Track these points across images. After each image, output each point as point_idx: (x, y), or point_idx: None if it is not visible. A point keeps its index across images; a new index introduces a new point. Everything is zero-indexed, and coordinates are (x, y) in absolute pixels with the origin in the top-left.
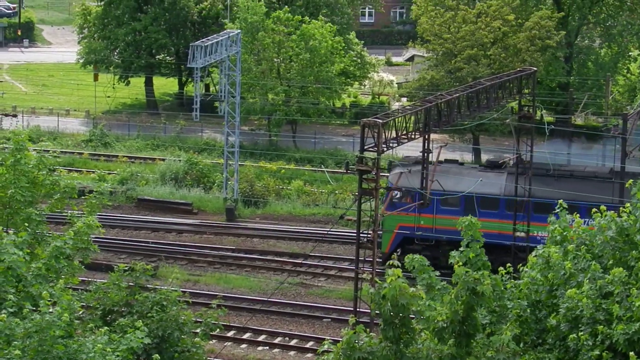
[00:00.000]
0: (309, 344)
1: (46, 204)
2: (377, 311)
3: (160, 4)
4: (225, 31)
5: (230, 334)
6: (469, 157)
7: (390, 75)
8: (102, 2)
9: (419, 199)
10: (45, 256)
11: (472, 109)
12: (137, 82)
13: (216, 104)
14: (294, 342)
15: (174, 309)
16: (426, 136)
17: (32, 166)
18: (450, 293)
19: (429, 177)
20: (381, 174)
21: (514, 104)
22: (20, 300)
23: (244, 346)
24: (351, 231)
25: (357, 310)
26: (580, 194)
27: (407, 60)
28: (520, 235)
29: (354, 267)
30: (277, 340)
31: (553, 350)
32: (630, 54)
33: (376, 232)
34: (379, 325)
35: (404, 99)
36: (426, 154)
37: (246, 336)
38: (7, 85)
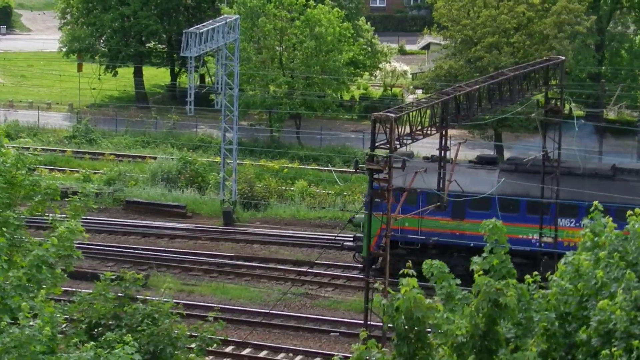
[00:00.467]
0: None
1: (25, 206)
2: (390, 324)
3: None
4: (222, 17)
5: (229, 349)
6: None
7: (403, 65)
8: None
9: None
10: (26, 265)
11: (493, 102)
12: (125, 73)
13: (212, 96)
14: (298, 359)
15: (167, 322)
16: (443, 132)
17: (9, 165)
18: (471, 305)
19: (446, 177)
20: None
21: (540, 97)
22: None
23: None
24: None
25: (368, 323)
26: (579, 193)
27: (423, 48)
28: (548, 240)
29: (364, 276)
30: (280, 357)
31: None
32: None
33: (388, 237)
34: (392, 340)
35: (418, 91)
36: (443, 152)
37: (246, 352)
38: None
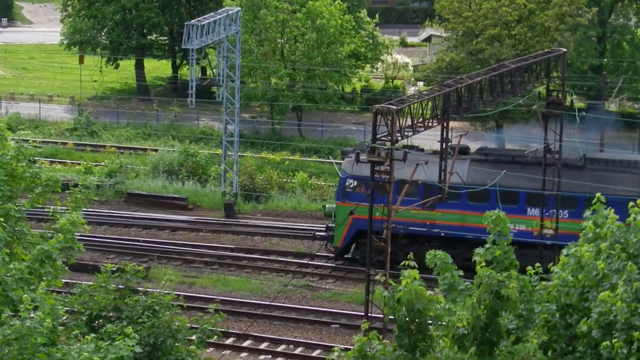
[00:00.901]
0: (316, 352)
1: (26, 198)
2: (391, 316)
3: None
4: (223, 9)
5: (229, 341)
6: (492, 146)
7: (405, 57)
8: None
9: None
10: (29, 259)
11: (495, 94)
12: (127, 65)
13: (214, 89)
14: (299, 350)
15: (167, 314)
16: (445, 124)
17: (10, 157)
18: (473, 296)
19: (447, 169)
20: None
21: (542, 89)
22: None
23: (244, 354)
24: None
25: (369, 315)
26: (548, 184)
27: (424, 40)
28: (548, 233)
29: (365, 268)
30: (281, 349)
31: (584, 359)
32: None
33: (389, 229)
34: (393, 332)
35: (420, 83)
36: (445, 144)
37: (246, 344)
38: None
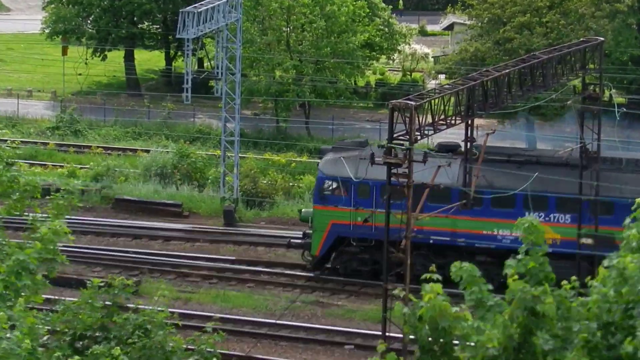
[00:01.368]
0: None
1: (2, 205)
2: (412, 336)
3: None
4: None
5: None
6: (521, 146)
7: (424, 48)
8: None
9: (354, 190)
10: (4, 271)
11: (525, 89)
12: (115, 57)
13: (212, 83)
14: None
15: (160, 333)
16: (469, 122)
17: None
18: (504, 313)
19: (472, 172)
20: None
21: (577, 82)
22: None
23: None
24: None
25: (387, 334)
26: (548, 185)
27: (446, 29)
28: (586, 242)
29: (381, 282)
30: None
31: None
32: None
33: (409, 238)
34: (414, 354)
35: (441, 76)
36: (469, 143)
37: None
38: None
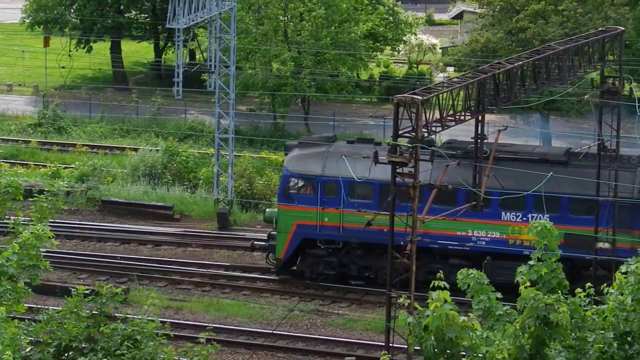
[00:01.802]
0: None
1: None
2: (417, 347)
3: None
4: None
5: None
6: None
7: (432, 38)
8: None
9: (321, 188)
10: None
11: (539, 82)
12: (101, 48)
13: (204, 76)
14: None
15: (151, 344)
16: (480, 117)
17: None
18: (515, 323)
19: (483, 172)
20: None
21: (595, 75)
22: None
23: None
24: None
25: (390, 345)
26: (526, 182)
27: (454, 18)
28: (603, 246)
29: (385, 290)
30: None
31: None
32: None
33: (414, 242)
34: None
35: (450, 68)
36: (479, 140)
37: None
38: None
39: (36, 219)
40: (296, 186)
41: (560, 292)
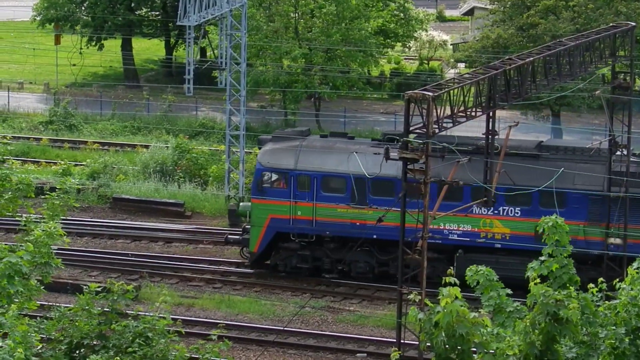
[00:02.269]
0: None
1: None
2: (427, 343)
3: None
4: None
5: None
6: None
7: (443, 34)
8: None
9: (294, 182)
10: None
11: (550, 78)
12: (112, 46)
13: (215, 73)
14: None
15: (162, 341)
16: (491, 113)
17: None
18: (525, 319)
19: (494, 168)
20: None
21: (606, 71)
22: None
23: None
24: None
25: (402, 341)
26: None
27: (465, 14)
28: (615, 242)
29: (396, 286)
30: None
31: None
32: None
33: (425, 238)
34: None
35: (461, 64)
36: (490, 136)
37: None
38: None
39: (48, 216)
40: (269, 180)
41: (571, 287)
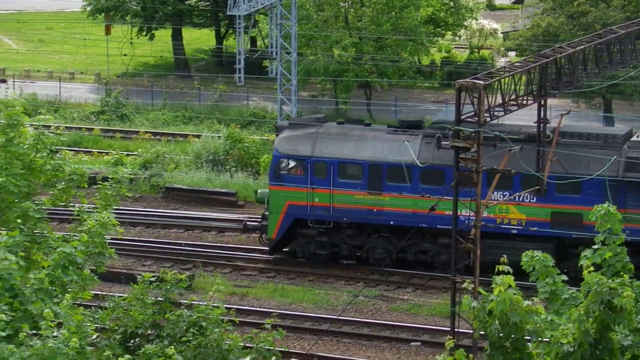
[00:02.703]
0: None
1: (47, 195)
2: (481, 331)
3: None
4: None
5: None
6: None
7: (493, 23)
8: None
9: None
10: (49, 265)
11: (601, 66)
12: (163, 36)
13: (266, 63)
14: None
15: (216, 331)
16: (542, 102)
17: (28, 147)
18: (579, 307)
19: (546, 156)
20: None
21: None
22: (16, 321)
23: None
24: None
25: (456, 330)
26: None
27: (515, 2)
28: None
29: (449, 275)
30: None
31: None
32: None
33: (478, 227)
34: (485, 350)
35: (511, 53)
36: (542, 124)
37: None
38: None
39: (101, 206)
40: (287, 167)
41: (625, 275)
